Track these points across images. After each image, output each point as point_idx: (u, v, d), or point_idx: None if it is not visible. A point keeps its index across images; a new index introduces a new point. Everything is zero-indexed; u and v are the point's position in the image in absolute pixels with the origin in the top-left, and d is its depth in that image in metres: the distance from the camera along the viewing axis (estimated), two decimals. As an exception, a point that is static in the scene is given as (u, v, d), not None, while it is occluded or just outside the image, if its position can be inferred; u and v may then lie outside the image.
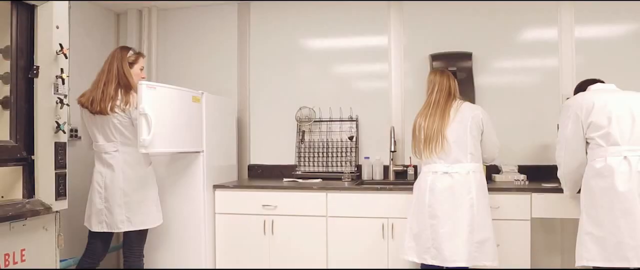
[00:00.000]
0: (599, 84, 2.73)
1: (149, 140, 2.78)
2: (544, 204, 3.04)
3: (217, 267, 3.44)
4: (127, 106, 2.84)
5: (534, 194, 3.05)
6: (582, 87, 2.81)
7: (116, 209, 2.83)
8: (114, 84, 2.86)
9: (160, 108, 2.89)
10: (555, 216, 3.04)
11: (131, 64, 2.97)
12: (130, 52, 2.99)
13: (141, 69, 3.05)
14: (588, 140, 2.57)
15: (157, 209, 3.01)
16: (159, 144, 2.87)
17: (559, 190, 2.99)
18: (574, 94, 2.82)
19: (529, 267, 3.05)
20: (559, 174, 2.78)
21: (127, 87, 2.89)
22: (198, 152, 3.33)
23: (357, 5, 3.95)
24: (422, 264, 2.85)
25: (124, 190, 2.84)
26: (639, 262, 2.37)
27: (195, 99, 3.30)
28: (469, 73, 3.66)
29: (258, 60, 4.15)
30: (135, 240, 2.95)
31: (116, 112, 2.84)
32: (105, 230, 2.86)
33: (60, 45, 2.34)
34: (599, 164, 2.49)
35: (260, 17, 4.14)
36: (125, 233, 2.94)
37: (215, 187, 3.45)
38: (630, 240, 2.37)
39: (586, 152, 2.60)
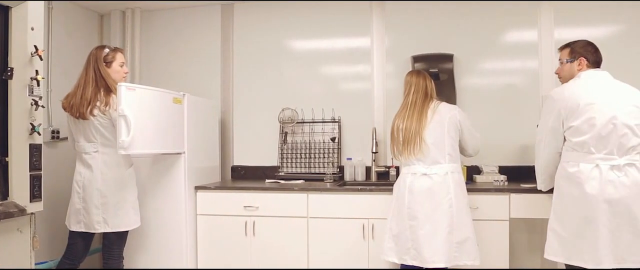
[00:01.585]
0: (591, 71, 2.61)
1: (128, 141, 2.77)
2: (522, 205, 3.06)
3: (198, 268, 3.43)
4: (107, 108, 2.83)
5: (513, 195, 3.08)
6: (586, 51, 2.65)
7: (93, 209, 2.82)
8: (92, 86, 2.85)
9: (140, 109, 2.89)
10: (533, 216, 3.06)
11: (109, 63, 2.94)
12: (106, 50, 2.95)
13: (121, 65, 3.00)
14: (565, 139, 2.58)
15: (135, 211, 3.00)
16: (138, 145, 2.87)
17: (538, 191, 3.02)
18: (576, 48, 2.68)
19: (508, 267, 3.07)
20: (536, 167, 2.80)
21: (106, 88, 2.88)
22: (179, 153, 3.33)
23: (340, 6, 3.96)
24: (402, 265, 2.87)
25: (101, 191, 2.83)
26: (593, 265, 2.43)
27: (177, 100, 3.30)
28: (450, 74, 3.68)
29: (242, 61, 4.15)
30: (115, 241, 2.94)
31: (96, 115, 2.83)
32: (83, 230, 2.86)
33: (35, 46, 2.34)
34: (571, 168, 2.51)
35: (244, 18, 4.15)
36: (105, 234, 2.94)
37: (197, 188, 3.45)
38: (589, 245, 2.44)
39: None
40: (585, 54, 2.65)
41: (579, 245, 2.47)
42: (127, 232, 2.99)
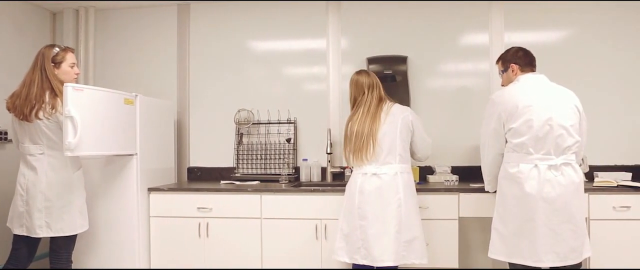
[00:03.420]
0: (529, 75, 2.72)
1: (74, 143, 2.72)
2: (471, 204, 3.14)
3: (151, 268, 3.39)
4: (53, 110, 2.76)
5: (462, 194, 3.15)
6: (515, 58, 2.77)
7: (36, 213, 2.75)
8: (37, 87, 2.76)
9: (88, 110, 2.83)
10: (481, 215, 3.13)
11: (59, 63, 2.85)
12: (55, 49, 2.86)
13: (72, 66, 2.91)
14: (506, 140, 2.66)
15: (83, 215, 2.93)
16: (86, 147, 2.81)
17: (485, 191, 3.11)
18: (506, 57, 2.81)
19: (457, 266, 3.14)
20: (482, 168, 2.88)
21: (53, 89, 2.79)
22: (131, 154, 3.29)
23: (297, 7, 3.98)
24: (353, 264, 2.90)
25: (46, 194, 2.76)
26: (533, 262, 2.53)
27: (128, 101, 3.26)
28: (405, 76, 3.74)
29: (198, 61, 4.12)
30: (62, 245, 2.87)
31: (41, 119, 2.76)
32: (25, 233, 2.78)
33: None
34: (512, 169, 2.59)
35: (201, 18, 4.12)
36: (52, 238, 2.86)
37: (150, 190, 3.41)
38: (529, 243, 2.53)
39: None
40: (515, 60, 2.77)
41: (519, 244, 2.56)
42: (75, 235, 2.92)
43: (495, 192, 2.80)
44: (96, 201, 3.29)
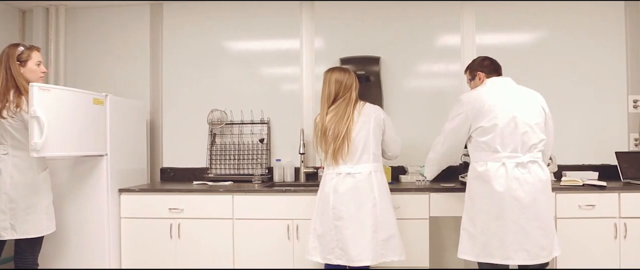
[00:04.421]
0: (495, 78, 2.80)
1: (40, 143, 2.68)
2: (441, 203, 3.18)
3: (122, 268, 3.36)
4: (18, 109, 2.71)
5: (432, 194, 3.18)
6: (481, 67, 2.86)
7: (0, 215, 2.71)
8: (1, 85, 2.71)
9: (55, 110, 2.79)
10: (451, 214, 3.17)
11: (24, 62, 2.81)
12: (21, 48, 2.81)
13: (38, 64, 2.86)
14: (473, 140, 2.71)
15: (49, 216, 2.88)
16: (52, 147, 2.77)
17: (456, 190, 3.15)
18: (473, 66, 2.91)
19: (428, 265, 3.17)
20: (428, 156, 3.00)
21: (18, 88, 2.75)
22: (101, 155, 3.25)
23: (271, 7, 3.97)
24: (326, 264, 2.90)
25: (10, 196, 2.71)
26: (502, 260, 2.57)
27: (98, 101, 3.22)
28: (377, 77, 3.76)
29: (172, 61, 4.09)
30: (28, 248, 2.82)
31: (5, 118, 2.71)
32: (-12, 236, 2.73)
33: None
34: (480, 168, 2.64)
35: (174, 18, 4.09)
36: (17, 241, 2.81)
37: (121, 191, 3.37)
38: (498, 241, 2.57)
39: (465, 146, 2.81)
40: (481, 68, 2.86)
41: (489, 243, 2.59)
42: (41, 238, 2.87)
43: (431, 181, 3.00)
44: (65, 202, 3.24)
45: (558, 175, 3.47)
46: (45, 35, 4.10)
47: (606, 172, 3.58)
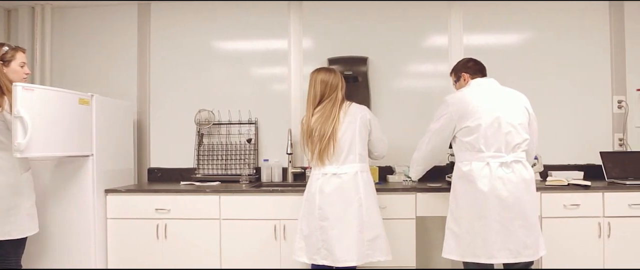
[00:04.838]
0: (479, 79, 2.83)
1: (24, 144, 2.66)
2: (428, 203, 3.19)
3: (108, 268, 3.34)
4: (0, 109, 2.69)
5: (419, 194, 3.19)
6: (465, 68, 2.90)
7: (-19, 216, 2.68)
8: None
9: (39, 111, 2.77)
10: (437, 214, 3.17)
11: (8, 62, 2.79)
12: (5, 48, 2.79)
13: (22, 65, 2.85)
14: (458, 140, 2.72)
15: (32, 218, 2.86)
16: (36, 148, 2.75)
17: (442, 190, 3.16)
18: (458, 67, 2.94)
19: (415, 265, 3.18)
20: (413, 156, 3.02)
21: (0, 88, 2.71)
22: (87, 156, 3.23)
23: (259, 7, 3.97)
24: (312, 265, 2.90)
25: (-8, 197, 2.69)
26: (486, 259, 2.59)
27: (83, 101, 3.20)
28: (365, 77, 3.77)
29: (159, 62, 4.08)
30: (10, 250, 2.78)
31: None
32: (-31, 238, 2.70)
33: None
34: (465, 167, 2.66)
35: (162, 18, 4.07)
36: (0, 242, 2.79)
37: (107, 191, 3.35)
38: (482, 241, 2.59)
39: (450, 146, 2.83)
40: (465, 70, 2.90)
41: (472, 242, 2.61)
42: (24, 239, 2.84)
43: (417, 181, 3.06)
44: (50, 203, 3.21)
45: (544, 175, 3.50)
46: (31, 35, 4.06)
47: (591, 172, 3.61)
